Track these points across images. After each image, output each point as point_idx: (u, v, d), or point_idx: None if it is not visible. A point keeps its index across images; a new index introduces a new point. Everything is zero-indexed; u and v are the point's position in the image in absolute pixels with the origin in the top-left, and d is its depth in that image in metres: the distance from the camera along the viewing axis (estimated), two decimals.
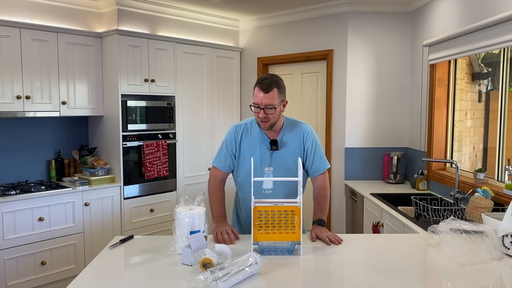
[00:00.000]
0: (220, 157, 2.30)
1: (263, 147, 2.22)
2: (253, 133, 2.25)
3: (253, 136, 2.24)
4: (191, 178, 4.59)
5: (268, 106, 2.08)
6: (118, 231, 3.99)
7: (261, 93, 2.08)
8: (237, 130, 2.27)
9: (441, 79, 3.69)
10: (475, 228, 1.96)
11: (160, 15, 4.37)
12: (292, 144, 2.23)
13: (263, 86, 2.08)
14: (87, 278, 1.67)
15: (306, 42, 4.59)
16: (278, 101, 2.10)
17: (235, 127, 2.29)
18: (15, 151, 3.86)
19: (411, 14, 4.20)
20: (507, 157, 2.99)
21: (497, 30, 2.73)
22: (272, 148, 2.20)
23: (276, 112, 2.11)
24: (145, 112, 4.19)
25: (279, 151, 2.21)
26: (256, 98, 2.10)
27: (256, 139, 2.23)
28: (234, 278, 1.55)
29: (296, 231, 1.84)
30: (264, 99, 2.07)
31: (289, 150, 2.22)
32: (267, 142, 2.21)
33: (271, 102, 2.08)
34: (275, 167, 2.20)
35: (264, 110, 2.08)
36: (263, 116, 2.10)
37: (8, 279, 3.34)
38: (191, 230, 1.85)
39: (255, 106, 2.11)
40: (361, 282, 1.65)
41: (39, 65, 3.66)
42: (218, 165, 2.30)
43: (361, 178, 4.34)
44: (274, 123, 2.15)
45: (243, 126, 2.28)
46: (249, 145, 2.23)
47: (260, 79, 2.13)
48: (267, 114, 2.09)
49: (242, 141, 2.25)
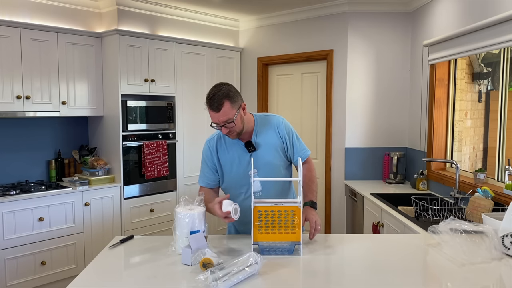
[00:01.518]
0: (203, 175, 2.25)
1: (240, 152, 2.16)
2: (227, 141, 2.19)
3: (228, 144, 2.18)
4: (191, 178, 4.59)
5: (227, 121, 1.99)
6: (118, 231, 3.99)
7: (213, 113, 1.99)
8: (211, 144, 2.22)
9: (441, 79, 3.69)
10: (475, 228, 1.96)
11: (160, 15, 4.37)
12: (268, 140, 2.17)
13: (212, 105, 1.98)
14: (87, 278, 1.67)
15: (306, 42, 4.59)
16: (234, 111, 2.00)
17: (208, 141, 2.24)
18: (15, 151, 3.86)
19: (411, 14, 4.20)
20: (507, 157, 2.99)
21: (497, 30, 2.73)
22: (250, 150, 2.13)
23: (237, 122, 2.02)
24: (145, 112, 4.19)
25: (258, 151, 2.15)
26: (212, 118, 2.01)
27: (231, 147, 2.17)
28: (234, 278, 1.55)
29: (296, 231, 1.84)
30: (219, 117, 1.98)
31: (267, 146, 2.16)
32: (242, 145, 2.15)
33: (227, 117, 1.98)
34: (258, 168, 2.13)
35: (224, 126, 2.01)
36: (227, 132, 2.05)
37: (8, 279, 3.34)
38: (191, 230, 1.85)
39: (215, 125, 2.04)
40: (361, 282, 1.65)
41: (39, 65, 3.66)
42: (203, 183, 2.25)
43: (361, 178, 4.34)
44: (241, 130, 2.08)
45: (215, 138, 2.22)
46: (226, 154, 2.18)
47: (208, 96, 2.00)
48: (229, 128, 2.03)
49: (218, 153, 2.20)
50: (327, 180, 4.51)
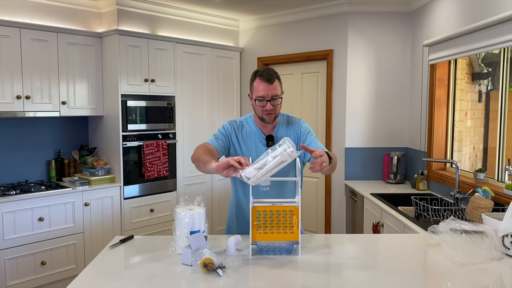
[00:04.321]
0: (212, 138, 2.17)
1: (259, 144, 2.16)
2: (248, 130, 2.19)
3: (248, 133, 2.18)
4: (191, 178, 4.59)
5: (274, 97, 2.03)
6: (118, 231, 3.99)
7: (265, 84, 2.01)
8: (234, 125, 2.20)
9: (441, 79, 3.69)
10: (475, 228, 1.95)
11: (160, 15, 4.37)
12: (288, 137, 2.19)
13: (265, 77, 2.01)
14: (87, 278, 1.67)
15: (306, 42, 4.59)
16: (281, 91, 2.08)
17: (231, 122, 2.21)
18: (15, 151, 3.86)
19: (411, 14, 4.20)
20: (507, 157, 2.99)
21: (497, 30, 2.73)
22: (269, 144, 2.12)
23: (281, 102, 2.08)
24: (145, 112, 4.19)
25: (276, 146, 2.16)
26: (260, 90, 2.02)
27: (251, 137, 2.17)
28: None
29: (295, 231, 1.84)
30: (269, 90, 2.01)
31: None
32: (263, 139, 2.16)
33: (276, 92, 2.03)
34: None
35: (270, 102, 2.03)
36: (270, 108, 2.04)
37: (8, 279, 3.34)
38: (191, 230, 1.84)
39: (260, 99, 2.04)
40: (361, 282, 1.65)
41: (39, 65, 3.66)
42: (210, 141, 2.15)
43: (361, 178, 4.34)
44: (277, 114, 2.12)
45: (238, 123, 2.21)
46: (245, 142, 2.17)
47: (258, 71, 2.05)
48: (274, 105, 2.04)
49: (237, 137, 2.18)
50: (327, 180, 4.51)
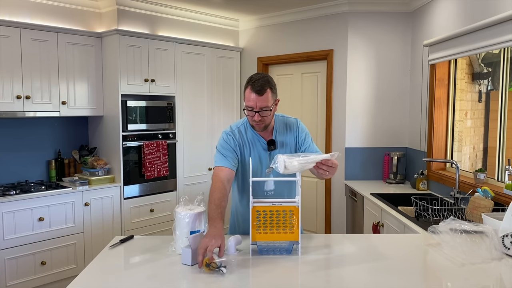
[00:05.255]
0: (225, 157, 2.08)
1: (260, 149, 2.15)
2: (248, 136, 2.16)
3: (248, 139, 2.15)
4: (191, 178, 4.59)
5: (264, 108, 2.00)
6: (118, 231, 3.99)
7: (254, 95, 1.97)
8: (234, 134, 2.14)
9: (441, 79, 3.69)
10: (475, 228, 1.95)
11: (160, 15, 4.36)
12: (287, 140, 2.18)
13: (255, 88, 1.97)
14: (87, 278, 1.67)
15: (306, 42, 4.59)
16: (272, 101, 2.02)
17: (230, 132, 2.15)
18: (15, 151, 3.86)
19: (411, 14, 4.20)
20: (507, 157, 2.99)
21: (497, 30, 2.73)
22: (270, 149, 2.13)
23: (271, 113, 2.04)
24: (145, 112, 4.19)
25: (277, 150, 2.15)
26: (250, 101, 1.98)
27: (251, 142, 2.15)
28: None
29: (295, 231, 1.84)
30: (258, 102, 1.97)
31: (286, 147, 2.17)
32: (264, 144, 2.14)
33: (266, 104, 1.98)
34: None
35: (259, 113, 2.00)
36: (258, 120, 2.02)
37: (8, 279, 3.34)
38: (191, 230, 1.85)
39: (249, 109, 2.02)
40: (361, 282, 1.65)
41: (39, 65, 3.66)
42: (220, 163, 2.07)
43: (361, 178, 4.34)
44: (269, 124, 2.09)
45: (235, 132, 2.15)
46: (247, 149, 2.15)
47: (251, 79, 2.00)
48: (262, 116, 2.01)
49: (239, 146, 2.13)
50: (327, 180, 4.51)
